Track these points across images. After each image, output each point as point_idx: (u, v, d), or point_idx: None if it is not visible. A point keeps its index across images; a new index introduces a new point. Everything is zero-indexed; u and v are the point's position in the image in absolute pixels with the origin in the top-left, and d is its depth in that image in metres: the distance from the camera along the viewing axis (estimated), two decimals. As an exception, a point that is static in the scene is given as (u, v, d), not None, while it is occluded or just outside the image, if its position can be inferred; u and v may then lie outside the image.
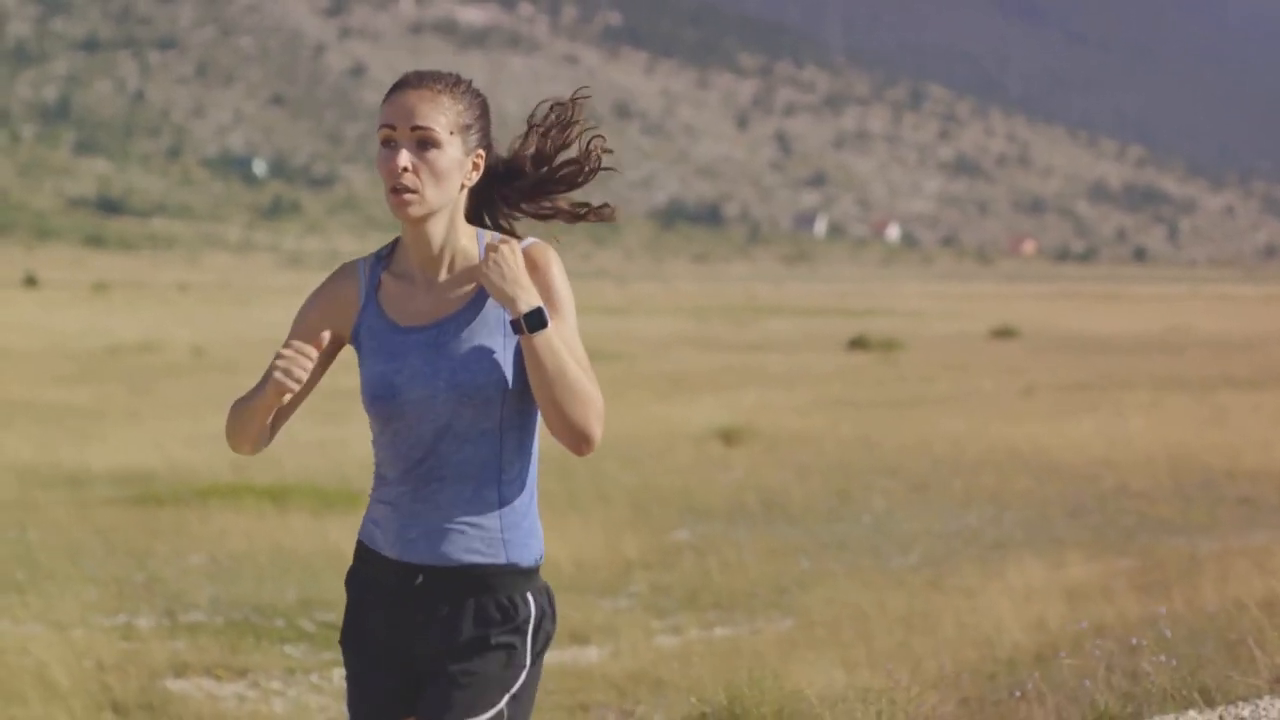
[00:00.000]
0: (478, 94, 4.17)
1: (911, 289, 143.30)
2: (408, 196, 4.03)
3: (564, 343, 4.04)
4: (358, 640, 4.17)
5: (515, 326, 3.99)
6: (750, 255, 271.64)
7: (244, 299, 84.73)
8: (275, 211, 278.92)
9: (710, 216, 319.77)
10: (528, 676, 4.08)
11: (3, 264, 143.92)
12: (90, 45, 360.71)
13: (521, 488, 4.11)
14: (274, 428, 4.16)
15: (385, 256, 4.21)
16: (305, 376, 4.03)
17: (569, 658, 9.61)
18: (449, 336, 4.09)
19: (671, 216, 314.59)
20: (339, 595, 10.92)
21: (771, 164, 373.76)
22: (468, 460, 4.06)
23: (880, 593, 11.50)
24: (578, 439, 4.00)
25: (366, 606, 4.15)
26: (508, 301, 3.99)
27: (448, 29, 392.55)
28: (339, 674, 9.26)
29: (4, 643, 9.40)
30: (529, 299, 3.99)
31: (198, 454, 18.61)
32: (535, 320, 3.99)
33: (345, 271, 4.21)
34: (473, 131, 4.12)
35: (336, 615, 10.65)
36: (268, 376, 4.05)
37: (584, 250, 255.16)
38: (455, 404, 4.03)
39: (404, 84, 4.10)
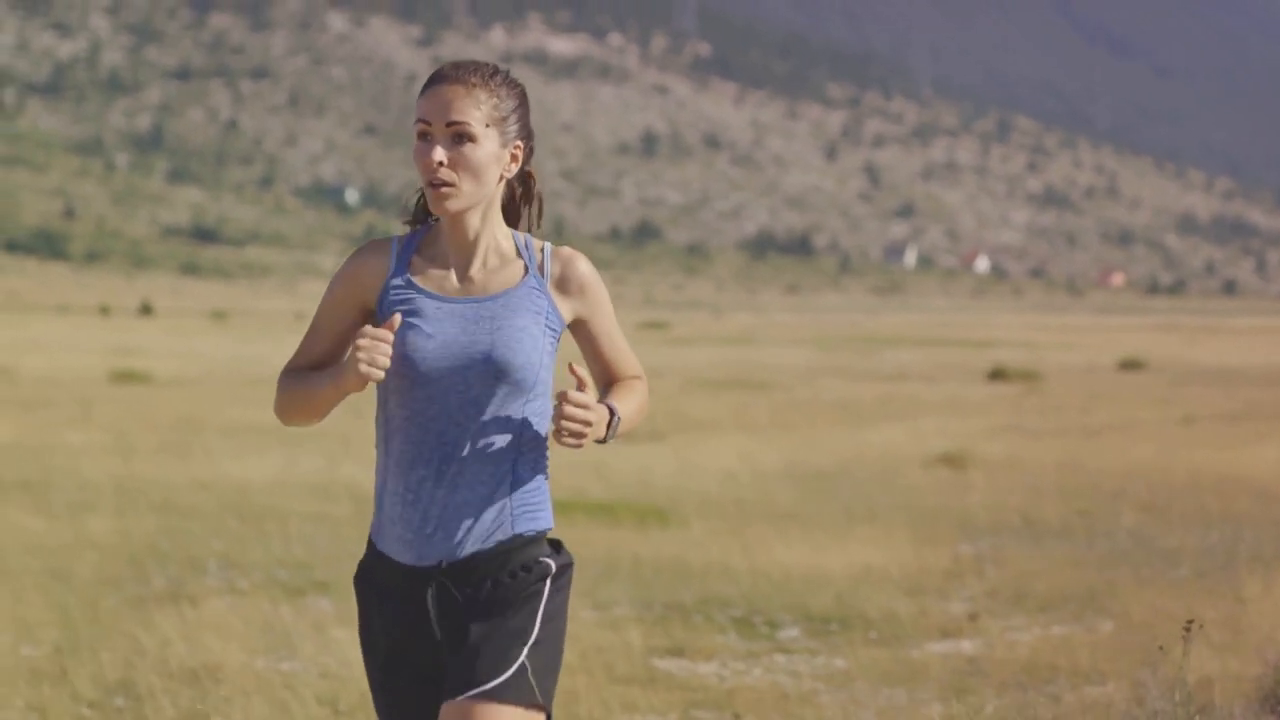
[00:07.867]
0: (515, 84, 4.14)
1: (1009, 320, 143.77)
2: (445, 190, 4.03)
3: (607, 337, 4.22)
4: (372, 645, 4.19)
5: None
6: (841, 286, 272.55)
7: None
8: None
9: (800, 247, 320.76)
10: (545, 616, 4.07)
11: (107, 292, 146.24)
12: (183, 74, 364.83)
13: (533, 467, 4.11)
14: None
15: (419, 238, 4.21)
16: (388, 363, 3.98)
17: (950, 648, 10.78)
18: (489, 313, 4.07)
19: (761, 247, 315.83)
20: (705, 598, 12.19)
21: (860, 195, 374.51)
22: (489, 440, 4.04)
23: (1179, 599, 12.62)
24: None
25: (376, 610, 4.16)
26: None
27: (538, 59, 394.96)
28: (765, 659, 10.46)
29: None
30: (600, 429, 4.05)
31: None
32: (614, 430, 4.13)
33: (374, 247, 4.19)
34: (510, 123, 4.10)
35: (739, 610, 11.91)
36: (342, 366, 4.04)
37: (675, 281, 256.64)
38: (489, 380, 4.03)
39: (439, 77, 4.10)
